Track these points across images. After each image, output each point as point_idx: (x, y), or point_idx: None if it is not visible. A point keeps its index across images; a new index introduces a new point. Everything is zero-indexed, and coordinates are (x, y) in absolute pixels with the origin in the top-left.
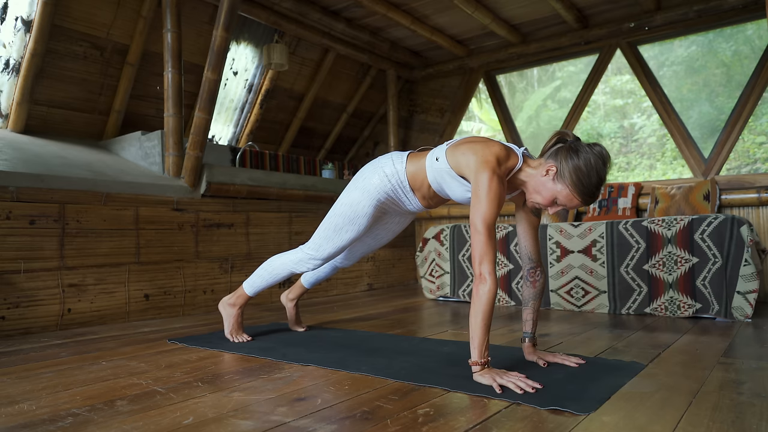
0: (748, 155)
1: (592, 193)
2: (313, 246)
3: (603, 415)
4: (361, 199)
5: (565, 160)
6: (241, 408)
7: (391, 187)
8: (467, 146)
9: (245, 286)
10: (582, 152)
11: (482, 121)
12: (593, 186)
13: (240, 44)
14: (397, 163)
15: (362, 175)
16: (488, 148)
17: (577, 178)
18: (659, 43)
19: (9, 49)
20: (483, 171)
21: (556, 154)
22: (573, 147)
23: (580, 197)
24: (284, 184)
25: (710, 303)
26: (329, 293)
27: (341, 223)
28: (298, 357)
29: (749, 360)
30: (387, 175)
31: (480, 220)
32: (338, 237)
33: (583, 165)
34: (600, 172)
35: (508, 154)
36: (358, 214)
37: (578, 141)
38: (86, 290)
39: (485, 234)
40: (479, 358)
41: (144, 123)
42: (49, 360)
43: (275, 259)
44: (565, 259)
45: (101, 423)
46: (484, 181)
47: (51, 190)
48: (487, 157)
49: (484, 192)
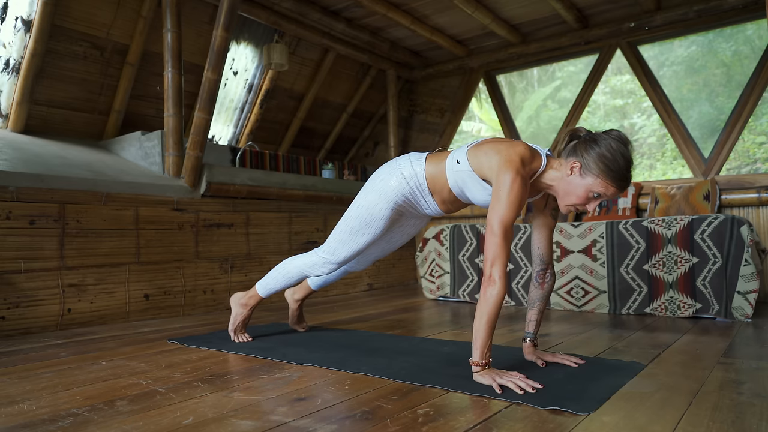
0: (748, 155)
1: (624, 177)
2: (328, 250)
3: (603, 415)
4: (378, 201)
5: (587, 152)
6: (241, 408)
7: (409, 189)
8: (490, 146)
9: (258, 288)
10: (601, 140)
11: (482, 121)
12: (623, 169)
13: (240, 44)
14: (415, 164)
15: (379, 176)
16: (513, 147)
17: (604, 165)
18: (659, 43)
19: (9, 49)
20: (507, 171)
21: (574, 150)
22: (590, 138)
23: (613, 183)
24: (284, 184)
25: (710, 303)
26: (329, 293)
27: (357, 226)
28: (298, 357)
29: (749, 360)
30: (405, 177)
31: (497, 222)
32: (354, 241)
33: (606, 151)
34: (625, 154)
35: (533, 155)
36: (375, 217)
37: (592, 132)
38: (86, 290)
39: (501, 236)
40: (480, 359)
41: (144, 123)
42: (49, 360)
43: (289, 261)
44: (565, 259)
45: (101, 423)
46: (507, 181)
47: (51, 190)
48: (511, 156)
49: (505, 192)
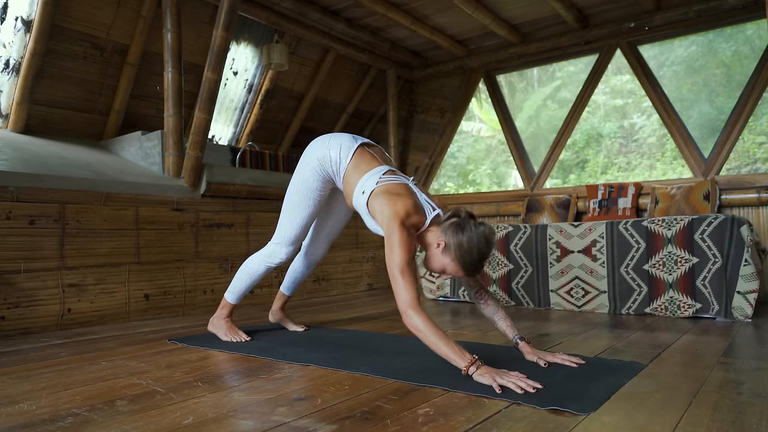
0: (748, 155)
1: (473, 268)
2: (279, 233)
3: (603, 415)
4: (309, 174)
5: (453, 237)
6: (241, 408)
7: (330, 169)
8: (386, 197)
9: (227, 296)
10: (467, 231)
11: (482, 121)
12: (475, 261)
13: (240, 44)
14: (343, 154)
15: (311, 150)
16: (401, 201)
17: (460, 254)
18: (659, 43)
19: (9, 49)
20: (393, 224)
21: (447, 229)
22: (460, 225)
23: (462, 270)
24: (284, 184)
25: (710, 303)
26: (329, 293)
27: (298, 201)
28: (298, 357)
29: (749, 360)
30: (331, 158)
31: (396, 269)
32: (299, 215)
33: (466, 243)
34: (482, 249)
35: (417, 211)
36: (310, 188)
37: (468, 219)
38: (86, 290)
39: (402, 279)
40: (464, 362)
41: (144, 123)
42: (49, 360)
43: (249, 261)
44: (565, 259)
45: (101, 423)
46: (394, 232)
47: (51, 190)
48: (398, 210)
49: (395, 242)
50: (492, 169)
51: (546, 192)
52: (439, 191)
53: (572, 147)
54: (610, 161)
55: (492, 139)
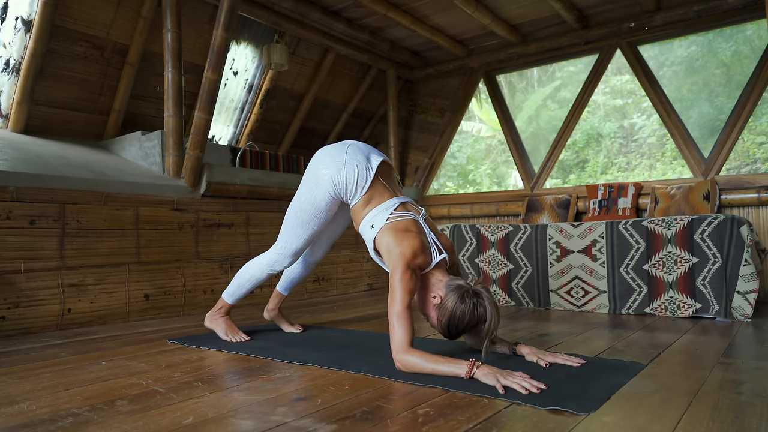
0: (748, 155)
1: (450, 336)
2: (284, 245)
3: (603, 415)
4: (323, 196)
5: (450, 300)
6: (241, 408)
7: (344, 190)
8: (393, 235)
9: (225, 297)
10: (466, 301)
11: (482, 121)
12: (455, 332)
13: (240, 44)
14: (359, 185)
15: (323, 168)
16: (408, 240)
17: (447, 319)
18: (659, 43)
19: (9, 49)
20: (399, 265)
21: (451, 289)
22: (462, 294)
23: (443, 332)
24: (284, 184)
25: (710, 303)
26: (329, 293)
27: (307, 219)
28: (298, 357)
29: (749, 360)
30: (347, 186)
31: (395, 317)
32: (304, 231)
33: (458, 314)
34: (467, 326)
35: (423, 251)
36: (321, 209)
37: (472, 295)
38: (86, 290)
39: (398, 324)
40: (465, 369)
41: (144, 123)
42: (49, 360)
43: (250, 267)
44: (565, 259)
45: (101, 423)
46: (398, 274)
47: (51, 190)
48: (405, 251)
49: (398, 284)
50: (492, 169)
51: (546, 192)
52: (439, 191)
53: (572, 147)
54: (610, 161)
55: (492, 139)
